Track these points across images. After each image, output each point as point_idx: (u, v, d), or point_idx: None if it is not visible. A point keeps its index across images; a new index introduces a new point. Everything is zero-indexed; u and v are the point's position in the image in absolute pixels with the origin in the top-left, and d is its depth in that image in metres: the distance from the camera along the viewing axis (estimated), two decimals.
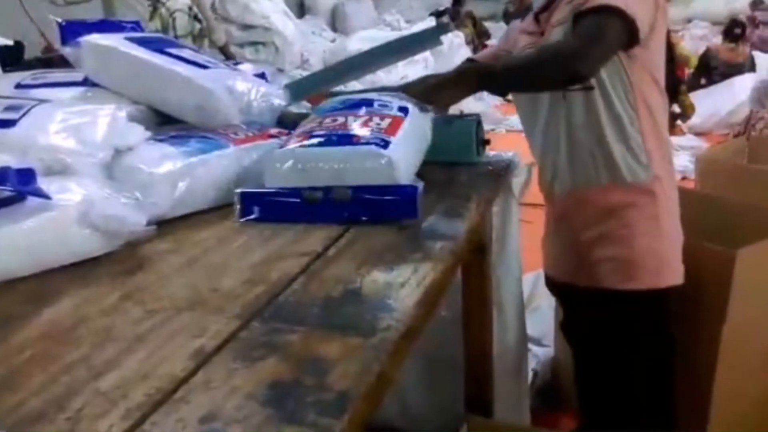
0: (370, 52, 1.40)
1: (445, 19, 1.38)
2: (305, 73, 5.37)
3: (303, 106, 1.62)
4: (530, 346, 2.10)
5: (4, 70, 1.58)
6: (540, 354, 2.11)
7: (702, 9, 9.54)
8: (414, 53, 1.44)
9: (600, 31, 1.18)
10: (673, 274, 1.36)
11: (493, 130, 4.90)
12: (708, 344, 1.56)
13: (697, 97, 4.71)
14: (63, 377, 0.67)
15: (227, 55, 3.48)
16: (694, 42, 7.39)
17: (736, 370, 1.61)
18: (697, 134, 4.63)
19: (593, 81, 1.25)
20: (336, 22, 7.43)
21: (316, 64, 5.60)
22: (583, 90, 1.27)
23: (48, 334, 0.76)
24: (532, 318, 2.17)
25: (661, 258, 1.35)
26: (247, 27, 5.13)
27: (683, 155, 3.96)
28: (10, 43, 2.72)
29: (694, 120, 4.58)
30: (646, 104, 1.30)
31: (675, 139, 4.43)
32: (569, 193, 1.38)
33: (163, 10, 2.81)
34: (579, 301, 1.46)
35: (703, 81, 5.19)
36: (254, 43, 5.16)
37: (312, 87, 1.44)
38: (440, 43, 1.31)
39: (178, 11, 2.93)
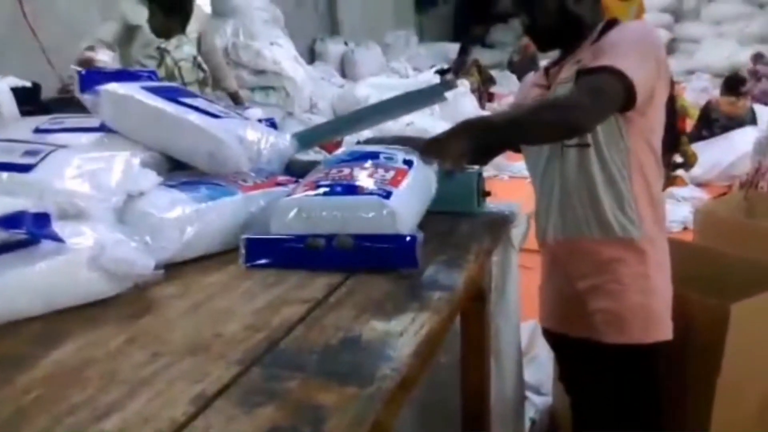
0: (377, 105, 1.45)
1: (449, 76, 1.43)
2: (314, 118, 5.51)
3: (317, 152, 1.68)
4: (529, 394, 2.10)
5: (21, 111, 1.64)
6: (538, 402, 2.11)
7: (704, 61, 9.72)
8: (419, 108, 1.49)
9: (600, 88, 1.22)
10: (662, 331, 1.39)
11: (496, 176, 4.96)
12: (703, 397, 1.57)
13: (698, 149, 4.76)
14: (67, 419, 0.69)
15: (237, 101, 3.55)
16: (696, 94, 7.50)
17: (731, 424, 1.61)
18: (699, 185, 4.68)
19: (589, 139, 1.30)
20: (345, 69, 7.59)
21: (325, 109, 5.72)
22: (578, 146, 1.31)
23: (54, 376, 0.78)
24: (530, 366, 2.18)
25: (650, 314, 1.37)
26: (258, 72, 5.26)
27: (685, 206, 3.99)
28: (28, 84, 2.80)
29: (696, 171, 4.64)
30: (641, 169, 1.34)
31: (677, 190, 4.47)
32: (561, 241, 1.42)
33: (168, 60, 2.91)
34: (572, 351, 1.48)
35: (704, 133, 5.26)
36: (265, 88, 5.28)
37: (319, 137, 1.49)
38: (445, 99, 1.36)
39: (182, 60, 3.01)
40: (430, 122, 5.10)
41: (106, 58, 2.72)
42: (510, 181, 4.89)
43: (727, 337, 1.53)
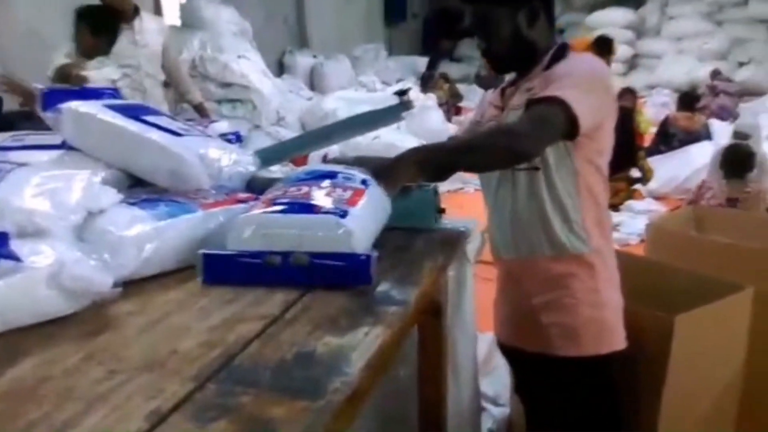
0: (337, 124, 1.49)
1: (406, 97, 1.46)
2: (281, 131, 5.52)
3: (282, 169, 1.71)
4: (486, 405, 2.15)
5: None
6: (496, 413, 2.15)
7: (665, 77, 10.01)
8: (378, 128, 1.53)
9: (546, 119, 1.28)
10: (615, 342, 1.44)
11: (461, 189, 5.04)
12: (650, 406, 1.62)
13: (656, 163, 4.91)
14: None
15: (202, 113, 3.55)
16: (656, 109, 7.72)
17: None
18: (657, 198, 4.82)
19: (539, 162, 1.35)
20: (314, 82, 7.63)
21: (293, 122, 5.73)
22: (528, 170, 1.37)
23: (11, 393, 0.79)
24: (488, 378, 2.23)
25: (603, 326, 1.42)
26: (226, 85, 5.26)
27: (642, 219, 4.10)
28: None
29: (654, 185, 4.78)
30: (589, 189, 1.40)
31: (635, 203, 4.60)
32: (515, 259, 1.47)
33: (88, 84, 2.84)
34: (527, 365, 1.53)
35: (662, 148, 5.42)
36: (232, 101, 5.28)
37: (281, 155, 1.52)
38: (402, 118, 1.40)
39: (99, 83, 2.90)
40: (397, 136, 5.16)
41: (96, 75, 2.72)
42: (475, 193, 4.97)
43: (672, 347, 1.59)
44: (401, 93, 5.53)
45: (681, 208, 2.95)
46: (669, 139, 5.51)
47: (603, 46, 6.21)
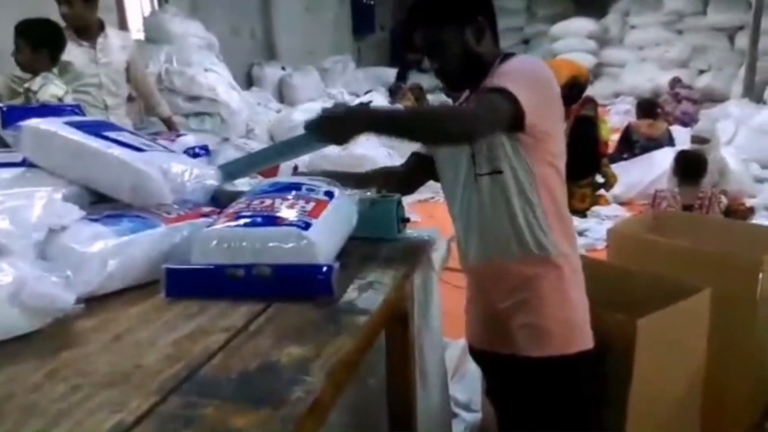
0: (286, 143, 1.54)
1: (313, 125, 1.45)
2: (250, 143, 5.50)
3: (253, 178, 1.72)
4: (458, 411, 2.16)
5: None
6: (468, 419, 2.17)
7: (629, 85, 10.23)
8: (303, 154, 1.56)
9: (493, 104, 1.32)
10: (583, 340, 1.46)
11: (432, 198, 5.08)
12: (617, 406, 1.66)
13: (620, 169, 5.00)
14: None
15: (171, 127, 3.52)
16: (620, 116, 7.88)
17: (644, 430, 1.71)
18: (621, 204, 4.91)
19: (501, 166, 1.38)
20: (283, 94, 7.63)
21: (262, 134, 5.73)
22: (491, 174, 1.40)
23: None
24: (460, 383, 2.25)
25: (570, 326, 1.45)
26: (193, 98, 5.23)
27: (608, 224, 4.17)
28: None
29: (618, 190, 4.87)
30: (549, 191, 1.43)
31: (601, 209, 4.69)
32: (484, 264, 1.49)
33: (33, 100, 2.75)
34: (498, 368, 1.55)
35: (625, 155, 5.54)
36: (200, 114, 5.26)
37: (243, 169, 1.53)
38: (317, 148, 1.44)
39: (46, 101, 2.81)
40: (366, 146, 5.18)
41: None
42: (444, 203, 4.99)
43: (636, 350, 1.62)
44: (401, 75, 5.53)
45: (641, 213, 3.02)
46: (631, 145, 5.63)
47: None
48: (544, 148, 1.40)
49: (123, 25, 5.72)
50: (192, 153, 1.88)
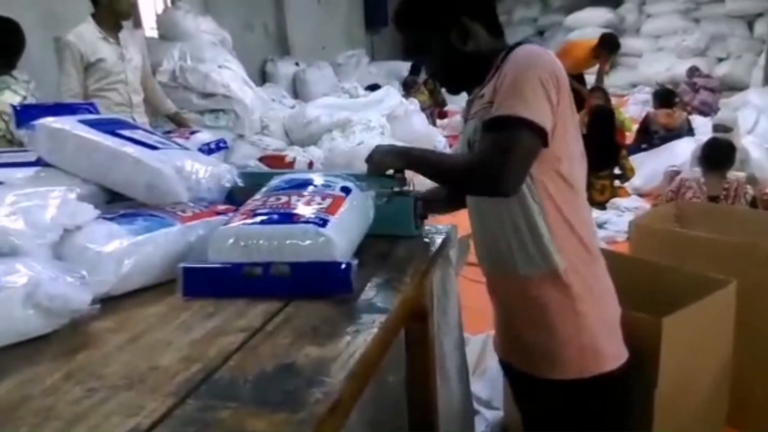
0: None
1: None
2: (265, 139, 5.49)
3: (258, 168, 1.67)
4: (480, 408, 2.14)
5: None
6: (489, 417, 2.14)
7: (646, 74, 10.10)
8: None
9: (512, 145, 1.23)
10: (600, 364, 1.36)
11: None
12: (643, 406, 1.62)
13: (639, 160, 4.95)
14: None
15: (181, 123, 3.51)
16: (638, 107, 7.78)
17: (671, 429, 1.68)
18: (641, 195, 4.85)
19: None
20: (297, 89, 7.62)
21: (276, 130, 5.72)
22: None
23: None
24: (481, 380, 2.22)
25: (583, 349, 1.35)
26: (207, 95, 5.23)
27: (628, 216, 4.13)
28: None
29: (637, 181, 4.81)
30: (552, 200, 1.32)
31: (620, 201, 4.63)
32: (494, 272, 1.45)
33: None
34: (517, 379, 1.52)
35: (643, 145, 5.47)
36: (215, 111, 5.26)
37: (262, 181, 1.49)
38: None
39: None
40: (380, 141, 5.17)
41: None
42: None
43: (662, 349, 1.58)
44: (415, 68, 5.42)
45: (663, 205, 2.96)
46: (650, 136, 5.55)
47: (610, 44, 6.27)
48: (553, 155, 1.30)
49: (137, 22, 5.73)
50: (208, 149, 1.87)
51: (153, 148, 1.30)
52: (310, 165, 5.17)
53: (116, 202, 1.28)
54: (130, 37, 3.32)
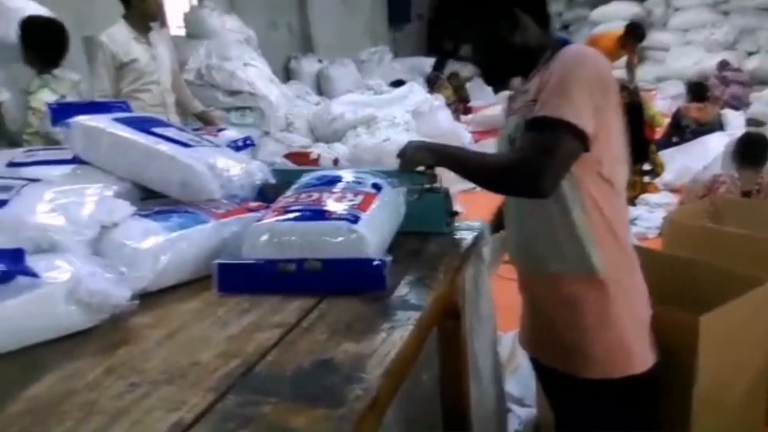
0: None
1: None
2: (291, 136, 5.51)
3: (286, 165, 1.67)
4: (512, 406, 2.12)
5: None
6: (522, 414, 2.13)
7: (673, 69, 9.93)
8: None
9: (552, 147, 1.22)
10: (632, 365, 1.36)
11: (474, 188, 5.02)
12: (680, 408, 1.60)
13: (670, 155, 4.86)
14: None
15: (208, 121, 3.54)
16: (667, 101, 7.66)
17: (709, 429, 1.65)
18: (672, 191, 4.77)
19: None
20: (321, 86, 7.64)
21: (301, 127, 5.74)
22: None
23: (34, 410, 0.80)
24: (513, 378, 2.21)
25: (614, 349, 1.35)
26: (233, 93, 5.28)
27: (659, 212, 4.08)
28: None
29: (668, 177, 4.73)
30: (594, 202, 1.31)
31: (651, 197, 4.56)
32: (526, 269, 1.44)
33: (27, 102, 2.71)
34: (547, 375, 1.51)
35: (674, 139, 5.37)
36: (241, 108, 5.30)
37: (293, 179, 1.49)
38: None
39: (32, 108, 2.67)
40: (406, 137, 5.16)
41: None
42: (485, 193, 4.91)
43: (699, 348, 1.55)
44: (439, 64, 5.40)
45: (696, 201, 2.90)
46: (681, 130, 5.45)
47: (637, 33, 6.18)
48: (595, 158, 1.29)
49: (162, 21, 5.79)
50: (235, 146, 1.88)
51: (186, 145, 1.31)
52: (336, 162, 5.18)
53: (150, 200, 1.30)
54: (159, 37, 3.35)
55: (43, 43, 2.79)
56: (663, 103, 7.58)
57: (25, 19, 2.79)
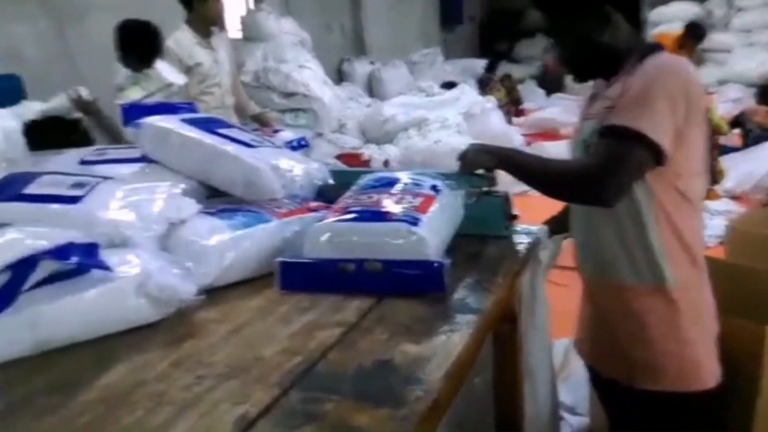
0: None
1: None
2: (343, 137, 5.56)
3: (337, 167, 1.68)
4: (564, 414, 2.09)
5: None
6: (574, 423, 2.09)
7: (736, 71, 9.58)
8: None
9: (622, 162, 1.20)
10: (700, 380, 1.33)
11: (526, 192, 4.96)
12: (744, 418, 1.55)
13: (731, 160, 4.69)
14: None
15: (265, 122, 3.61)
16: (728, 105, 7.40)
17: None
18: (733, 198, 4.60)
19: None
20: (372, 88, 7.67)
21: (353, 128, 5.79)
22: None
23: (106, 398, 0.83)
24: (565, 385, 2.17)
25: (684, 363, 1.33)
26: (288, 94, 5.37)
27: (719, 219, 3.94)
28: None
29: (729, 184, 4.56)
30: (666, 211, 1.29)
31: (711, 204, 4.41)
32: (596, 277, 1.42)
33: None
34: (606, 386, 1.48)
35: (737, 144, 5.18)
36: (295, 110, 5.38)
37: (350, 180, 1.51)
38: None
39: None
40: (457, 139, 5.13)
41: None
42: (539, 197, 4.85)
43: (765, 358, 1.50)
44: (491, 65, 5.39)
45: (761, 209, 2.79)
46: (744, 135, 5.25)
47: (695, 34, 6.00)
48: (674, 171, 1.26)
49: (221, 25, 5.92)
50: (291, 147, 1.91)
51: (249, 146, 1.34)
52: (386, 163, 5.20)
53: (214, 198, 1.33)
54: (220, 40, 3.43)
55: (139, 44, 2.97)
56: (724, 106, 7.31)
57: (122, 23, 2.99)
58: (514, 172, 1.31)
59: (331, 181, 1.46)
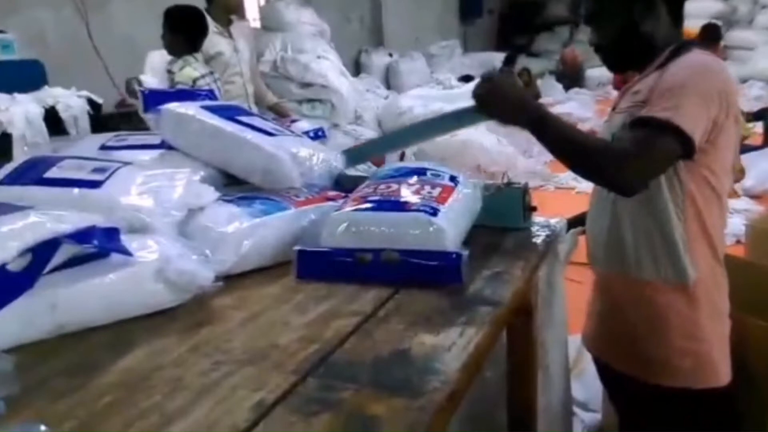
0: (415, 126, 1.49)
1: (512, 65, 1.36)
2: (359, 129, 5.56)
3: (363, 168, 1.71)
4: (576, 410, 2.08)
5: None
6: (586, 419, 2.08)
7: (759, 68, 9.44)
8: (454, 130, 1.49)
9: (649, 149, 1.19)
10: (714, 377, 1.32)
11: (542, 186, 4.93)
12: (757, 418, 1.53)
13: (751, 159, 4.63)
14: (138, 422, 0.74)
15: (282, 112, 3.62)
16: (750, 102, 7.29)
17: None
18: (752, 197, 4.54)
19: None
20: (390, 80, 7.66)
21: (370, 120, 5.78)
22: None
23: (124, 382, 0.83)
24: (578, 382, 2.16)
25: (700, 360, 1.32)
26: (306, 85, 5.37)
27: (738, 218, 3.89)
28: (97, 99, 3.01)
29: (749, 182, 4.51)
30: (696, 207, 1.28)
31: (731, 202, 4.35)
32: (612, 272, 1.40)
33: (171, 82, 2.90)
34: (615, 380, 1.47)
35: (757, 142, 5.11)
36: (311, 100, 5.38)
37: (366, 154, 1.53)
38: (480, 120, 1.37)
39: (180, 84, 2.88)
40: (474, 133, 5.10)
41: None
42: (555, 191, 4.85)
43: None
44: (509, 58, 5.46)
45: None
46: (765, 132, 5.18)
47: (712, 34, 5.93)
48: (705, 164, 1.25)
49: (241, 14, 5.94)
50: (307, 137, 1.91)
51: (269, 134, 1.34)
52: (402, 156, 5.18)
53: (233, 186, 1.34)
54: (239, 30, 3.45)
55: (187, 28, 3.04)
56: (746, 103, 7.22)
57: (170, 8, 3.06)
58: (545, 136, 1.26)
59: (349, 171, 1.46)
